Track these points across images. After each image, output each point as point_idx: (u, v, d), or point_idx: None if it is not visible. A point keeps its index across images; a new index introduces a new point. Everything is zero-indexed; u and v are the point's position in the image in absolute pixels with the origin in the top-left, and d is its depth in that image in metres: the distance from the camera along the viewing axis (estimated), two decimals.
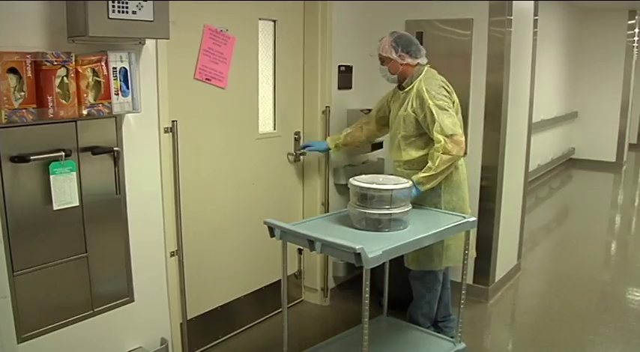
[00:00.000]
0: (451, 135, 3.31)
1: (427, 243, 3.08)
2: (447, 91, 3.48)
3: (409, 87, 3.53)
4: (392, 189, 3.04)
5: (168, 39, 2.79)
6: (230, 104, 3.71)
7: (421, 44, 3.61)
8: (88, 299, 2.81)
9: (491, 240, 4.46)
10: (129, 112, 2.77)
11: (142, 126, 2.93)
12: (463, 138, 3.38)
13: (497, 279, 4.64)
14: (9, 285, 2.26)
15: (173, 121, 3.13)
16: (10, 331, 2.25)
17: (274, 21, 3.99)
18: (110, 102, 2.63)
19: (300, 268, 4.51)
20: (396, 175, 3.48)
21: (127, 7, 2.48)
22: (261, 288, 4.19)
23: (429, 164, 3.34)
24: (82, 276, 2.77)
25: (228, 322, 3.96)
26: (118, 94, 2.65)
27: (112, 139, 2.78)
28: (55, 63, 2.41)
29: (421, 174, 3.34)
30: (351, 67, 4.41)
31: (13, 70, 2.30)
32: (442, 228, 3.12)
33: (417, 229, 3.06)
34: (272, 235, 3.06)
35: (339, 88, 4.36)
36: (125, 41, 2.72)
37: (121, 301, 2.96)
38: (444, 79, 3.55)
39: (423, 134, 3.48)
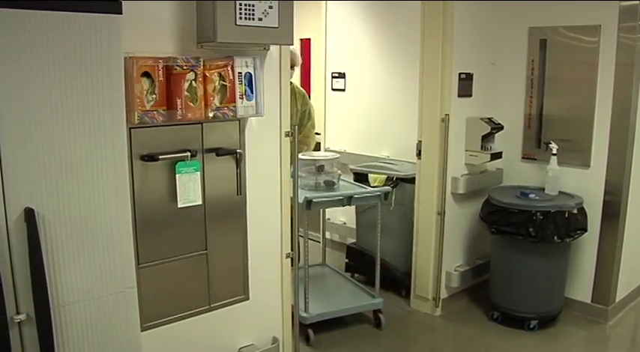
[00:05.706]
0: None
1: None
2: None
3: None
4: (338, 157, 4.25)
5: (292, 45, 2.86)
6: None
7: (545, 52, 3.55)
8: (206, 294, 2.91)
9: (613, 257, 4.25)
10: (252, 116, 2.85)
11: (264, 129, 3.00)
12: None
13: (617, 300, 4.41)
14: (135, 276, 2.37)
15: (293, 126, 3.19)
16: (135, 319, 2.36)
17: None
18: (235, 106, 2.70)
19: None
20: None
21: (253, 14, 2.55)
22: None
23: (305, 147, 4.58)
24: (201, 272, 2.87)
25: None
26: (242, 98, 2.73)
27: (235, 141, 2.87)
28: (185, 67, 2.52)
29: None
30: (472, 75, 4.33)
31: (146, 74, 2.42)
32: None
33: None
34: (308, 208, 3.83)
35: (459, 96, 4.29)
36: (250, 47, 2.80)
37: (236, 298, 3.04)
38: None
39: None
